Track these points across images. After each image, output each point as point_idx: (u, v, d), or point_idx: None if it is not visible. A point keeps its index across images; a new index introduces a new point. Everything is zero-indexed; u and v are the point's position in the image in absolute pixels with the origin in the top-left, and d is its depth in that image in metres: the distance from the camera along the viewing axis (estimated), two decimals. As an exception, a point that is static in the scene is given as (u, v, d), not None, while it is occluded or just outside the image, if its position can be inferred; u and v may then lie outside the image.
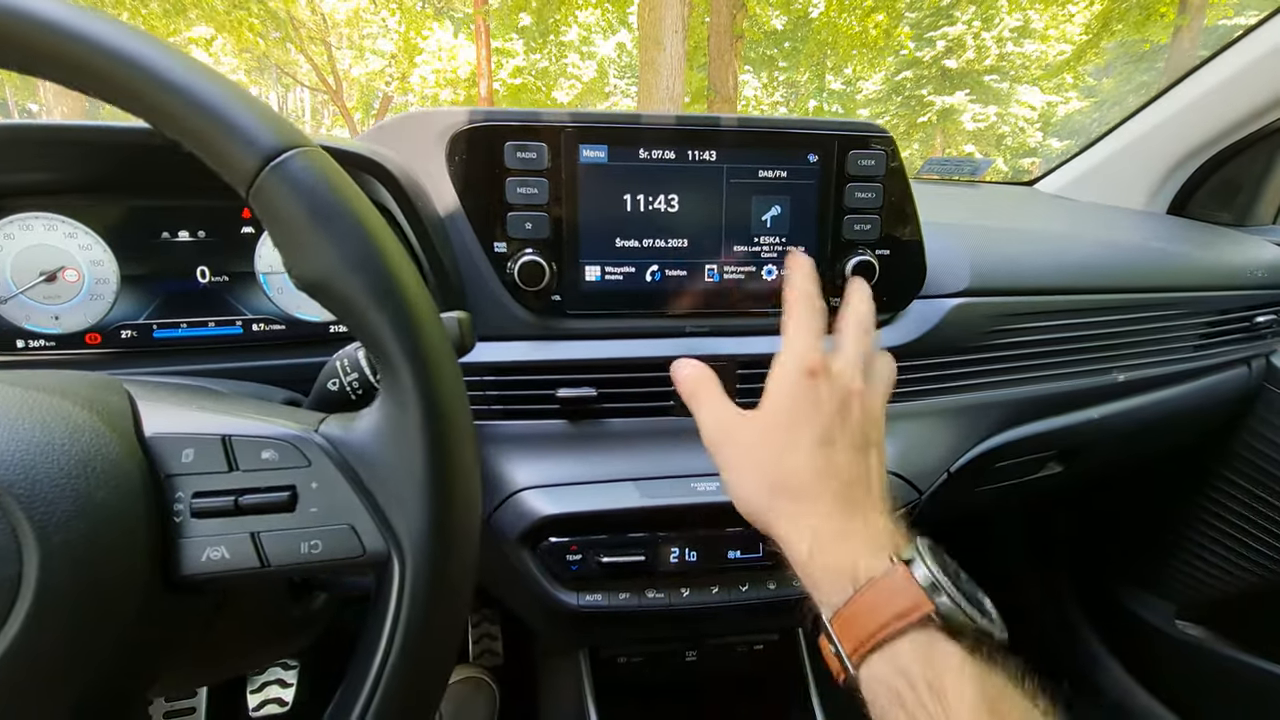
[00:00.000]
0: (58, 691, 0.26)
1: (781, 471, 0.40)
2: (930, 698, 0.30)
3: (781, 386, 0.43)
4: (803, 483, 0.39)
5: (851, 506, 0.39)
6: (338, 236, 0.29)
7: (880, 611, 0.33)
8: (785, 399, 0.43)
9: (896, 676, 0.32)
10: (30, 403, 0.28)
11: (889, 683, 0.32)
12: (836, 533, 0.37)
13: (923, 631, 0.32)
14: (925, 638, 0.32)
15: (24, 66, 0.27)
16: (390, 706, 0.30)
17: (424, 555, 0.30)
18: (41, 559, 0.25)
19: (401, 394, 0.30)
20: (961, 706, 0.30)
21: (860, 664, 0.33)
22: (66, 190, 0.53)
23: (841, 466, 0.40)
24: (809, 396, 0.42)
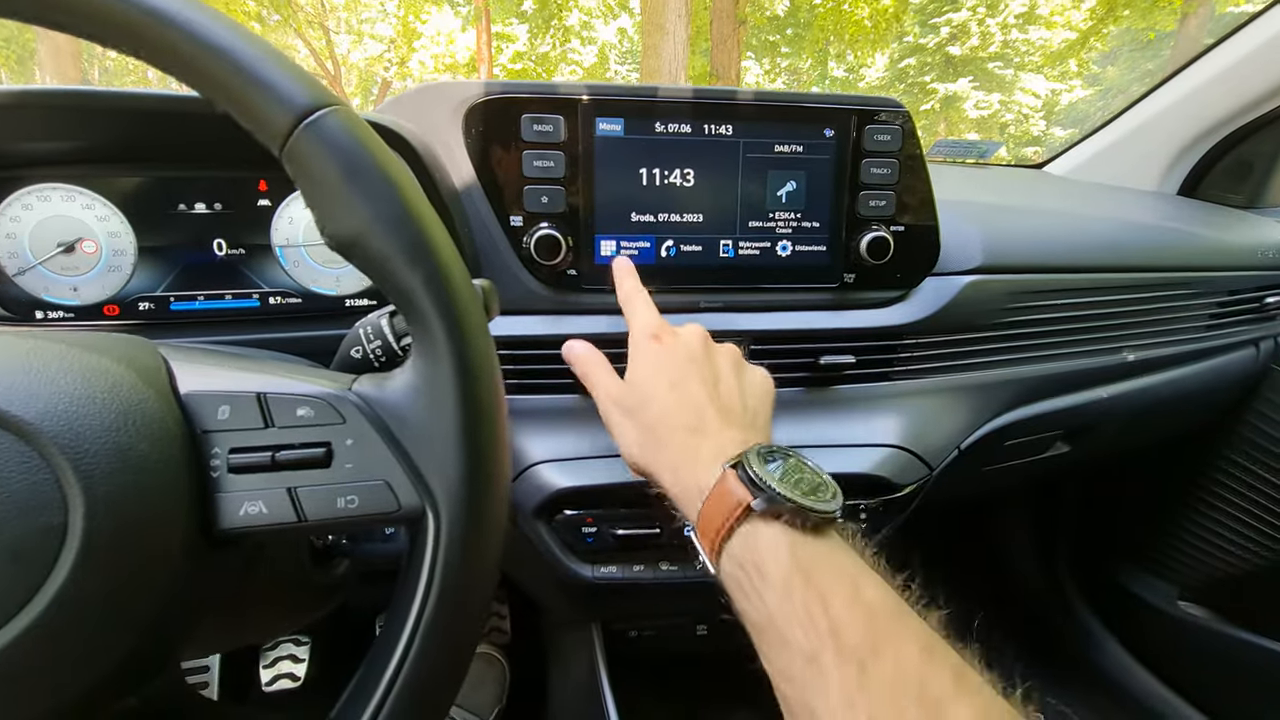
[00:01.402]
0: (101, 643, 0.27)
1: (647, 422, 0.45)
2: (756, 576, 0.34)
3: (635, 355, 0.49)
4: (663, 427, 0.44)
5: (699, 433, 0.43)
6: (371, 195, 0.29)
7: (715, 515, 0.37)
8: (639, 361, 0.48)
9: (735, 567, 0.36)
10: (69, 358, 0.28)
11: (732, 574, 0.36)
12: (687, 459, 0.42)
13: (747, 522, 0.36)
14: (750, 528, 0.36)
15: (59, 23, 0.27)
16: (425, 661, 0.30)
17: (458, 510, 0.30)
18: (87, 509, 0.25)
19: (435, 351, 0.30)
20: (776, 575, 0.33)
21: (719, 567, 0.37)
22: (84, 160, 0.53)
23: (693, 399, 0.45)
24: (655, 354, 0.48)
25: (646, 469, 0.45)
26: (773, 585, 0.33)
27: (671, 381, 0.46)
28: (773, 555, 0.34)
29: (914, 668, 0.28)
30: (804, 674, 0.30)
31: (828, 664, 0.29)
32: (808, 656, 0.30)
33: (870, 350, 0.66)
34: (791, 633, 0.31)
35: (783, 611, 0.32)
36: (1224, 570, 1.07)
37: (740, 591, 0.35)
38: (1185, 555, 1.11)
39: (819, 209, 0.62)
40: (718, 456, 0.40)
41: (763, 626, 0.33)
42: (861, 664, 0.29)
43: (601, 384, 0.50)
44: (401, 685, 0.31)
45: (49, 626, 0.25)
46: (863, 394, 0.67)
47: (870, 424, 0.65)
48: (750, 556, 0.35)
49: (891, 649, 0.29)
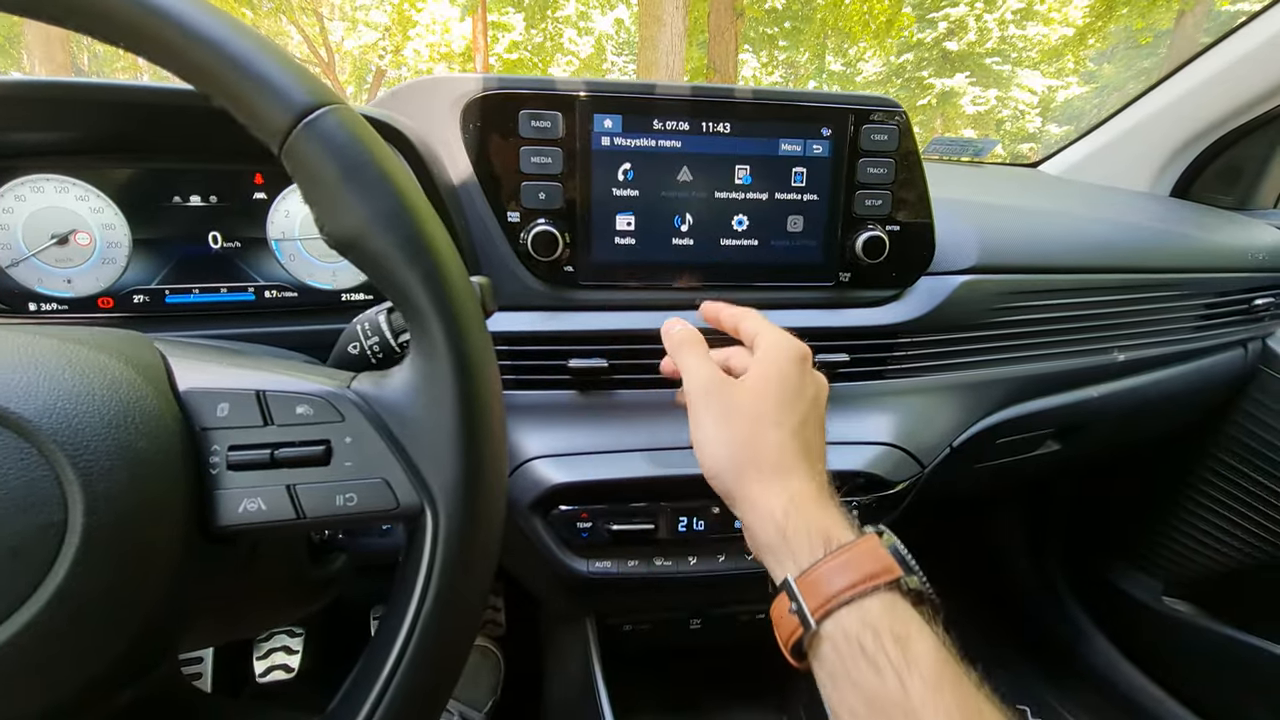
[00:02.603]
0: (99, 639, 0.27)
1: (763, 442, 0.42)
2: (894, 646, 0.32)
3: (775, 364, 0.45)
4: (782, 455, 0.41)
5: (823, 488, 0.41)
6: (369, 194, 0.29)
7: (852, 572, 0.35)
8: (776, 376, 0.44)
9: (863, 628, 0.33)
10: (68, 354, 0.28)
11: (854, 634, 0.33)
12: (814, 500, 0.39)
13: (889, 593, 0.34)
14: (891, 599, 0.34)
15: (53, 15, 0.27)
16: (423, 656, 0.31)
17: (456, 507, 0.30)
18: (86, 506, 0.25)
19: (432, 350, 0.30)
20: (925, 660, 0.31)
21: (824, 618, 0.34)
22: (78, 151, 0.53)
23: (814, 449, 0.43)
24: (797, 379, 0.44)
25: (736, 479, 0.42)
26: (918, 667, 0.31)
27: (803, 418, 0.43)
28: (921, 637, 0.32)
29: None
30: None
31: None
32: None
33: (864, 349, 0.66)
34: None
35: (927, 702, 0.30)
36: (1210, 567, 1.09)
37: (863, 657, 0.32)
38: (1172, 552, 1.13)
39: (815, 207, 0.62)
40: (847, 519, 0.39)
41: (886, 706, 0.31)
42: None
43: (701, 364, 0.46)
44: (399, 680, 0.31)
45: (49, 623, 0.25)
46: (856, 392, 0.67)
47: (863, 422, 0.66)
48: (890, 625, 0.33)
49: None
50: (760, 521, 0.40)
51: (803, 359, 0.45)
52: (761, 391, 0.44)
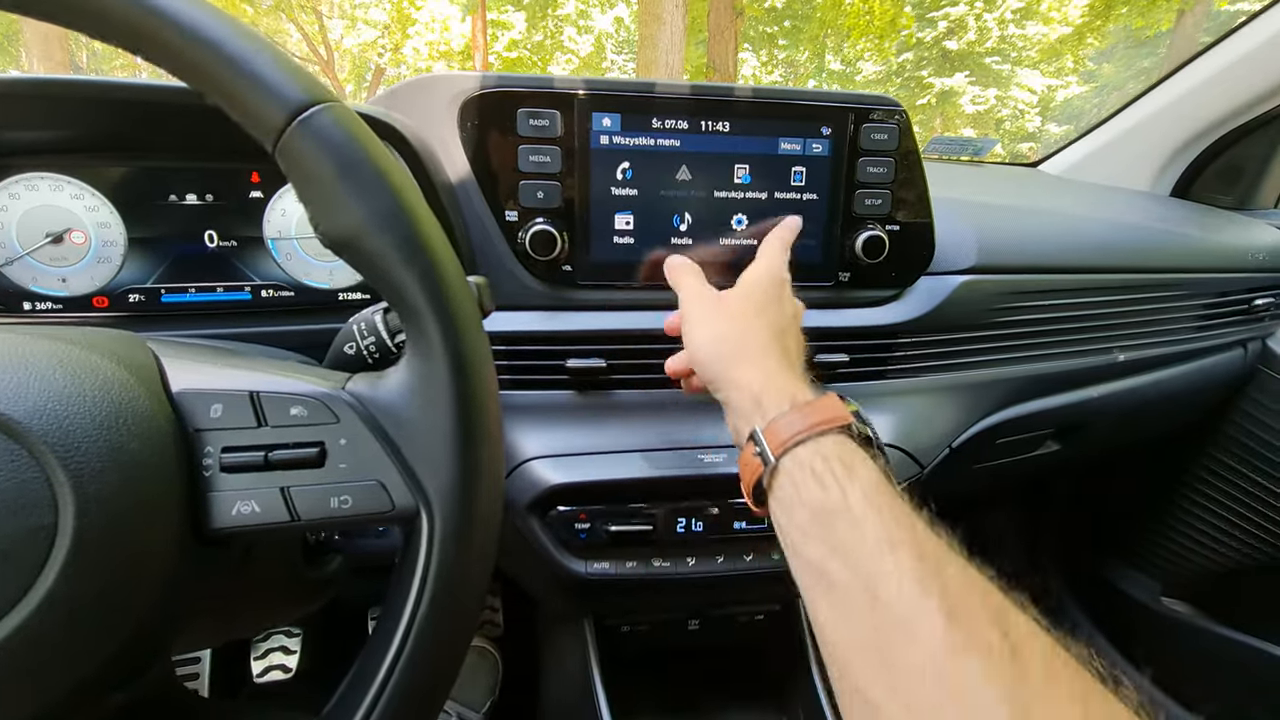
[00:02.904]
0: (91, 642, 0.27)
1: (745, 335, 0.47)
2: (840, 467, 0.36)
3: (758, 281, 0.52)
4: (761, 344, 0.47)
5: (796, 368, 0.47)
6: (365, 192, 0.29)
7: (811, 417, 0.39)
8: (758, 291, 0.51)
9: (815, 457, 0.37)
10: (59, 355, 0.28)
11: (808, 462, 0.37)
12: (786, 374, 0.44)
13: (841, 435, 0.38)
14: (842, 439, 0.38)
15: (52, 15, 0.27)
16: (420, 657, 0.30)
17: (452, 509, 0.30)
18: (77, 509, 0.25)
19: (429, 350, 0.30)
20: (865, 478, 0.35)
21: (783, 455, 0.38)
22: (72, 149, 0.52)
23: (789, 349, 0.48)
24: (776, 295, 0.51)
25: (721, 360, 0.46)
26: (860, 483, 0.35)
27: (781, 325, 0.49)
28: (864, 464, 0.36)
29: (981, 580, 0.31)
30: (876, 555, 0.32)
31: (904, 552, 0.31)
32: (886, 541, 0.32)
33: (864, 349, 0.66)
34: (870, 521, 0.33)
35: (863, 507, 0.33)
36: (1208, 568, 1.08)
37: (812, 477, 0.36)
38: (1170, 552, 1.13)
39: (814, 207, 0.62)
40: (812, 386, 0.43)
41: (830, 510, 0.34)
42: (938, 561, 0.31)
43: (694, 284, 0.53)
44: (395, 681, 0.31)
45: (39, 626, 0.25)
46: (856, 392, 0.67)
47: (863, 422, 0.66)
48: (841, 454, 0.37)
49: (961, 562, 0.32)
50: (739, 395, 0.44)
51: (782, 282, 0.52)
52: (744, 297, 0.50)
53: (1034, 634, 0.28)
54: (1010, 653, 0.27)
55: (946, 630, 0.28)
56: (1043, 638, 0.28)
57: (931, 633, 0.28)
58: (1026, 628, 0.28)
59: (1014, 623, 0.28)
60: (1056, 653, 0.28)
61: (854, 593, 0.32)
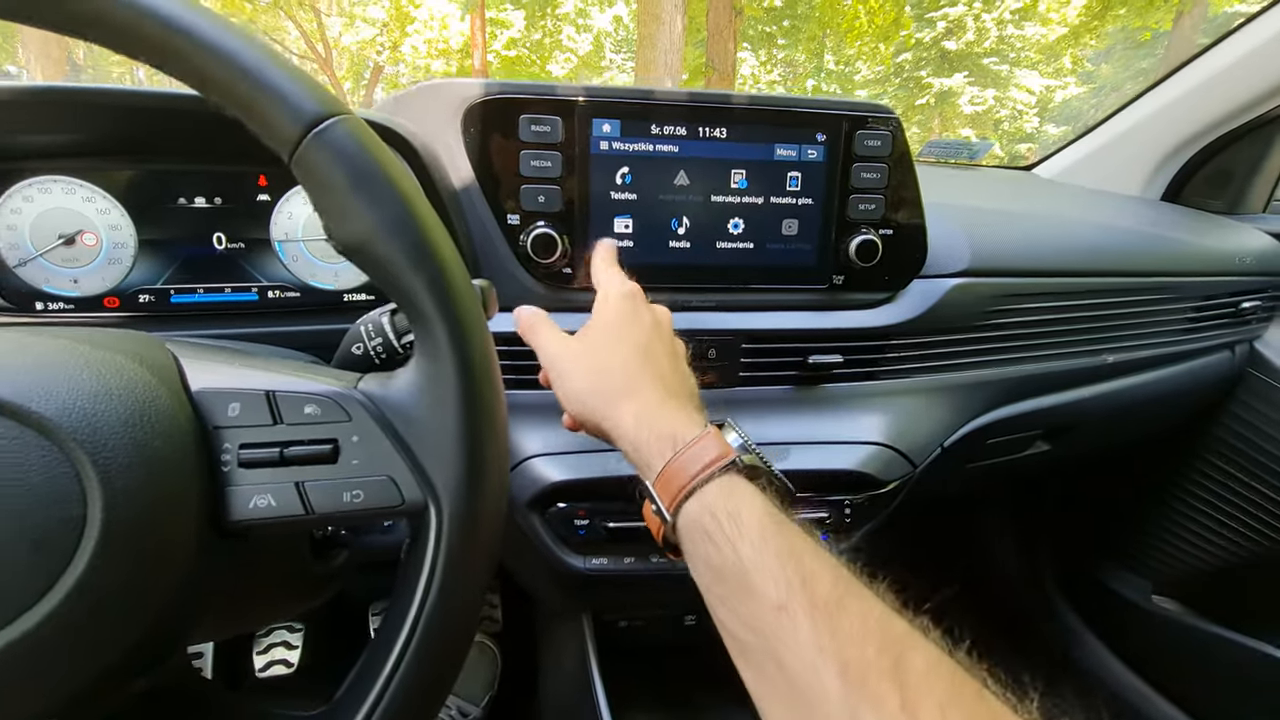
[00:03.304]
0: (115, 631, 0.28)
1: (609, 370, 0.45)
2: (729, 523, 0.35)
3: (605, 307, 0.49)
4: (628, 376, 0.45)
5: (670, 393, 0.44)
6: (377, 202, 0.30)
7: (694, 464, 0.38)
8: (609, 315, 0.49)
9: (704, 513, 0.37)
10: (85, 355, 0.29)
11: (699, 520, 0.37)
12: (658, 408, 0.42)
13: (726, 476, 0.38)
14: (729, 480, 0.37)
15: (67, 28, 0.28)
16: (426, 650, 0.32)
17: (459, 504, 0.31)
18: (105, 501, 0.26)
19: (437, 352, 0.32)
20: (751, 524, 0.35)
21: (676, 512, 0.38)
22: (85, 154, 0.54)
23: (660, 366, 0.46)
24: (629, 312, 0.48)
25: (597, 412, 0.44)
26: (747, 533, 0.34)
27: (644, 342, 0.47)
28: (749, 507, 0.36)
29: (876, 621, 0.30)
30: (773, 623, 0.31)
31: (798, 614, 0.30)
32: (778, 605, 0.31)
33: (857, 350, 0.67)
34: (762, 581, 0.32)
35: (755, 560, 0.33)
36: (1197, 566, 1.10)
37: (706, 538, 0.36)
38: (1161, 552, 1.15)
39: (809, 211, 0.63)
40: (692, 418, 0.42)
41: (727, 574, 0.34)
42: (830, 614, 0.30)
43: (548, 339, 0.50)
44: (403, 672, 0.32)
45: (68, 614, 0.26)
46: (849, 393, 0.69)
47: (856, 422, 0.67)
48: (726, 504, 0.36)
49: (856, 602, 0.31)
50: (620, 441, 0.43)
51: (629, 296, 0.49)
52: (596, 333, 0.48)
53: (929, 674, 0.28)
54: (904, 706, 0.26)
55: (842, 692, 0.28)
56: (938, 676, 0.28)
57: (832, 699, 0.28)
58: (923, 665, 0.28)
59: (910, 666, 0.28)
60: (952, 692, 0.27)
61: (762, 658, 0.32)
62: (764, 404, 0.66)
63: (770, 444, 0.63)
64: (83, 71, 12.70)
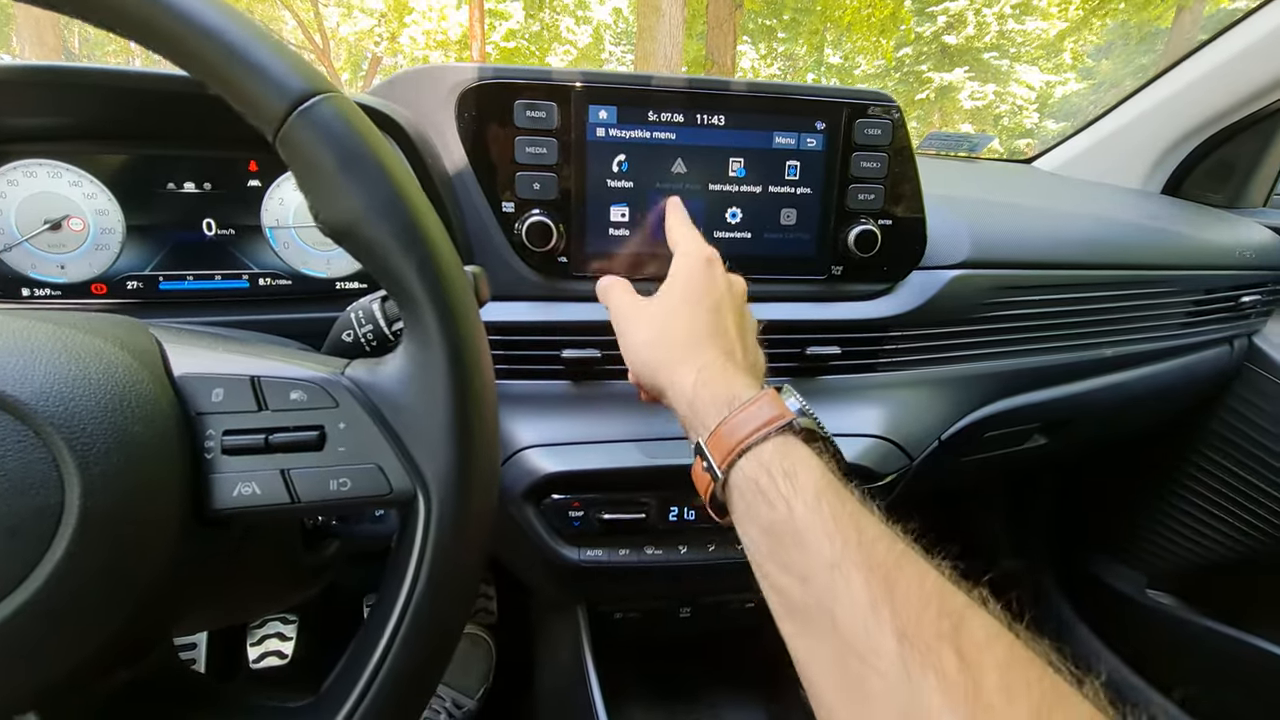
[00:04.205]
0: (94, 620, 0.28)
1: (676, 328, 0.46)
2: (785, 481, 0.35)
3: (683, 269, 0.50)
4: (695, 336, 0.45)
5: (733, 359, 0.45)
6: (365, 182, 0.30)
7: (750, 423, 0.38)
8: (685, 278, 0.49)
9: (759, 470, 0.36)
10: (63, 339, 0.28)
11: (753, 477, 0.37)
12: (720, 371, 0.43)
13: (782, 436, 0.37)
14: (785, 440, 0.37)
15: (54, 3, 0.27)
16: (414, 640, 0.31)
17: (448, 494, 0.31)
18: (83, 488, 0.26)
19: (426, 338, 0.31)
20: (808, 484, 0.34)
21: (729, 469, 0.38)
22: (71, 137, 0.53)
23: (729, 328, 0.47)
24: (706, 275, 0.49)
25: (659, 365, 0.45)
26: (803, 493, 0.34)
27: (715, 304, 0.47)
28: (806, 467, 0.35)
29: (934, 586, 0.30)
30: (827, 579, 0.31)
31: (853, 573, 0.30)
32: (831, 563, 0.31)
33: (856, 342, 0.67)
34: (816, 539, 0.32)
35: (809, 519, 0.33)
36: (1192, 560, 1.10)
37: (759, 495, 0.36)
38: (1155, 545, 1.15)
39: (808, 201, 0.63)
40: (752, 380, 0.42)
41: (780, 530, 0.34)
42: (887, 575, 0.30)
43: (622, 296, 0.52)
44: (390, 664, 0.32)
45: (45, 602, 0.26)
46: (847, 385, 0.68)
47: (853, 414, 0.67)
48: (782, 463, 0.36)
49: (914, 568, 0.30)
50: (677, 399, 0.43)
51: (708, 261, 0.50)
52: (668, 294, 0.49)
53: (990, 643, 0.27)
54: (964, 669, 0.26)
55: (899, 653, 0.27)
56: (999, 645, 0.27)
57: (886, 658, 0.27)
58: (983, 635, 0.27)
59: (969, 633, 0.27)
60: (1013, 661, 0.27)
61: (813, 615, 0.31)
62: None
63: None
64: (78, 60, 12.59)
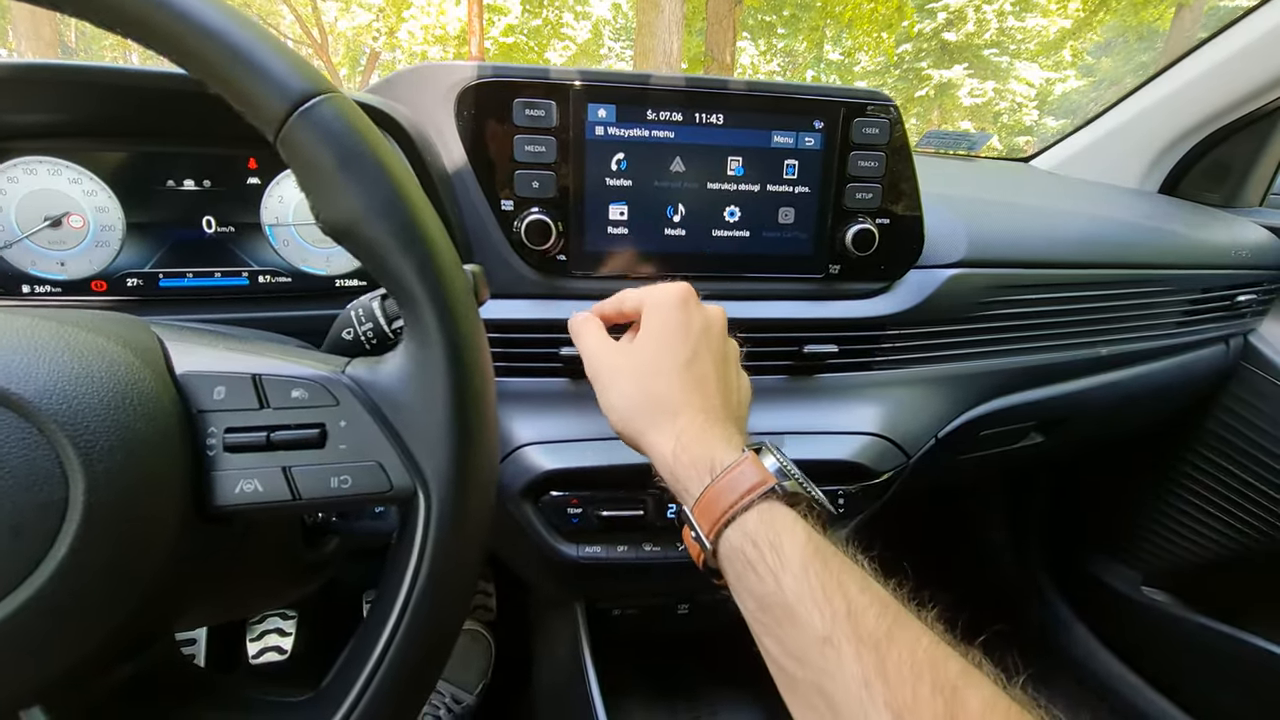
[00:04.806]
0: (97, 616, 0.28)
1: (655, 388, 0.44)
2: (771, 552, 0.35)
3: (654, 314, 0.48)
4: (672, 396, 0.44)
5: (712, 416, 0.43)
6: (365, 182, 0.30)
7: (733, 491, 0.37)
8: (658, 325, 0.47)
9: (745, 541, 0.36)
10: (67, 337, 0.29)
11: (740, 548, 0.36)
12: (698, 434, 0.42)
13: (766, 502, 0.37)
14: (768, 507, 0.37)
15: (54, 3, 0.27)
16: (413, 636, 0.32)
17: (448, 491, 0.31)
18: (87, 485, 0.26)
19: (425, 337, 0.31)
20: (794, 555, 0.34)
21: (716, 540, 0.38)
22: (71, 134, 0.53)
23: (707, 381, 0.45)
24: (680, 321, 0.47)
25: (637, 433, 0.44)
26: (789, 564, 0.33)
27: (690, 356, 0.45)
28: (791, 536, 0.35)
29: (926, 655, 0.29)
30: (819, 655, 0.30)
31: (844, 647, 0.30)
32: (823, 638, 0.30)
33: (853, 340, 0.67)
34: (806, 612, 0.32)
35: (798, 591, 0.32)
36: (1187, 558, 1.11)
37: (748, 567, 0.35)
38: (1151, 543, 1.15)
39: (806, 200, 0.63)
40: (731, 442, 0.41)
41: (771, 604, 0.33)
42: (877, 648, 0.29)
43: (594, 340, 0.50)
44: (390, 660, 0.32)
45: (49, 598, 0.26)
46: (844, 383, 0.68)
47: (850, 412, 0.67)
48: (767, 534, 0.35)
49: (906, 635, 0.30)
50: (658, 464, 0.43)
51: (682, 301, 0.48)
52: (645, 343, 0.47)
53: (984, 713, 0.27)
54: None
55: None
56: (995, 714, 0.27)
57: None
58: (977, 706, 0.27)
59: (964, 707, 0.27)
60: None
61: (810, 693, 0.31)
62: (758, 393, 0.66)
63: (763, 434, 0.62)
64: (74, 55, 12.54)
